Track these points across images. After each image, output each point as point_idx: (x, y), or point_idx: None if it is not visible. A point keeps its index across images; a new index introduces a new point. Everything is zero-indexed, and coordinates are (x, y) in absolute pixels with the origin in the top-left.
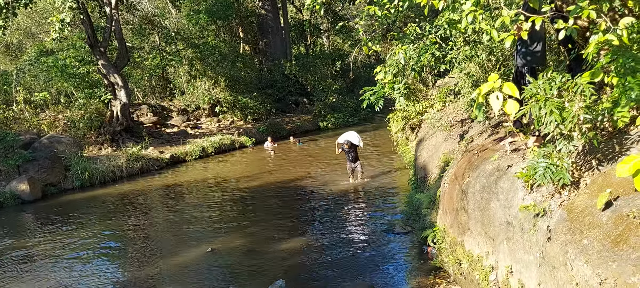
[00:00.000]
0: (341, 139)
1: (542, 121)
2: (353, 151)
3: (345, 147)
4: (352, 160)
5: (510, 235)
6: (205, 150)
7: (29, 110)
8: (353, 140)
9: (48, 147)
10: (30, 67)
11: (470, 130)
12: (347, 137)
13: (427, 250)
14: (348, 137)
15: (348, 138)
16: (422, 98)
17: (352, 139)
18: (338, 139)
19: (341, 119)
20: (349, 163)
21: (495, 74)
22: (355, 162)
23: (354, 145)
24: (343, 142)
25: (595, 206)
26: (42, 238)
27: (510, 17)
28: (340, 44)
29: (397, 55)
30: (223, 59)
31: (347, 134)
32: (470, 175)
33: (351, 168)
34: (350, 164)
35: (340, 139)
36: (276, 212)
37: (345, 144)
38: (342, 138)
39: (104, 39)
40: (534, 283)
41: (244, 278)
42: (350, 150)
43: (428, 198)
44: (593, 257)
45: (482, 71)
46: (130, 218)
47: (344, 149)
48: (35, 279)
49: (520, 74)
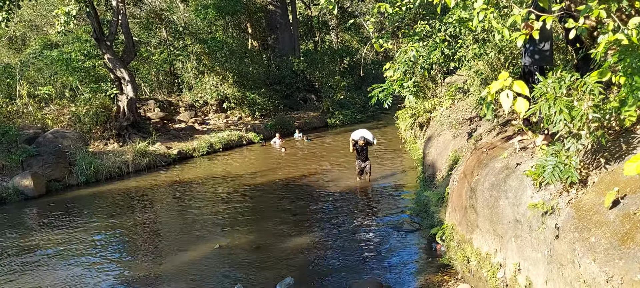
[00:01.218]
0: (356, 135)
1: (552, 119)
2: (366, 149)
3: (359, 145)
4: (363, 158)
5: (518, 232)
6: (213, 146)
7: (33, 104)
8: (368, 138)
9: (52, 142)
10: (34, 60)
11: (479, 128)
12: (361, 134)
13: (436, 246)
14: (362, 134)
15: (362, 134)
16: (431, 95)
17: (366, 135)
18: (352, 135)
19: (349, 116)
20: (358, 161)
21: (506, 71)
22: (366, 161)
23: (368, 142)
24: (358, 139)
25: (602, 204)
26: (46, 234)
27: (521, 16)
28: (349, 41)
29: (408, 52)
30: (231, 55)
31: (361, 131)
32: (479, 173)
33: (361, 168)
34: (360, 163)
35: (354, 135)
36: (284, 209)
37: (359, 141)
38: (356, 134)
39: (110, 33)
40: (542, 281)
41: (251, 275)
42: (363, 147)
43: (436, 196)
44: (600, 255)
45: (491, 69)
46: (137, 214)
47: (356, 147)
48: (40, 276)
49: (528, 72)
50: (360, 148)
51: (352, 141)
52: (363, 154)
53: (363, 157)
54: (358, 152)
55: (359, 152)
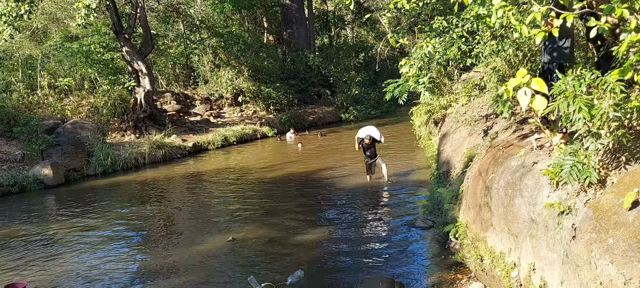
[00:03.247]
0: (361, 133)
1: (570, 118)
2: (373, 146)
3: (365, 143)
4: (370, 156)
5: (533, 232)
6: (228, 139)
7: (53, 95)
8: (374, 135)
9: (71, 133)
10: (54, 52)
11: (495, 125)
12: (367, 132)
13: (450, 244)
14: (369, 132)
15: (369, 132)
16: (447, 92)
17: (373, 133)
18: (358, 133)
19: (363, 111)
20: (367, 159)
21: (524, 69)
22: (373, 158)
23: (374, 140)
24: (364, 137)
25: (621, 205)
26: (65, 223)
27: (541, 13)
28: (365, 36)
29: (425, 48)
30: (247, 49)
31: (367, 128)
32: (495, 171)
33: (369, 164)
34: (369, 160)
35: (360, 133)
36: (297, 203)
37: (366, 139)
38: (362, 132)
39: (128, 26)
40: (557, 281)
41: (263, 268)
42: (370, 145)
43: (450, 193)
44: (618, 257)
45: (508, 66)
46: (152, 205)
47: (363, 145)
48: (58, 264)
49: (548, 70)
50: (367, 146)
51: (357, 139)
52: (370, 152)
53: (370, 154)
54: (364, 150)
55: (365, 150)
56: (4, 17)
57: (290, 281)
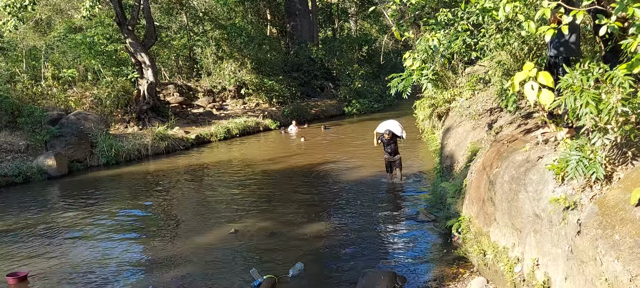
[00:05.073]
0: (381, 128)
1: (577, 113)
2: (393, 142)
3: (384, 138)
4: (391, 152)
5: (537, 227)
6: (230, 131)
7: (56, 86)
8: (395, 130)
9: (75, 124)
10: (58, 43)
11: (500, 119)
12: (387, 126)
13: (453, 238)
14: (389, 126)
15: (389, 127)
16: (451, 85)
17: (393, 128)
18: (377, 128)
19: (366, 105)
20: (387, 155)
21: (530, 62)
22: (395, 155)
23: (395, 135)
24: (383, 132)
25: (628, 201)
26: (68, 213)
27: (550, 9)
28: (368, 29)
29: (430, 41)
30: (250, 41)
31: (387, 123)
32: (499, 165)
33: (389, 162)
34: (389, 157)
35: (379, 128)
36: (299, 196)
37: (385, 134)
38: (381, 127)
39: (132, 18)
40: (561, 277)
41: (265, 260)
42: (390, 141)
43: (454, 187)
44: (624, 253)
45: (514, 60)
46: (155, 197)
47: (383, 140)
48: (61, 254)
49: (554, 64)
50: (387, 142)
51: (376, 135)
52: (390, 148)
53: (390, 151)
54: (384, 146)
55: (385, 146)
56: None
57: (291, 273)
